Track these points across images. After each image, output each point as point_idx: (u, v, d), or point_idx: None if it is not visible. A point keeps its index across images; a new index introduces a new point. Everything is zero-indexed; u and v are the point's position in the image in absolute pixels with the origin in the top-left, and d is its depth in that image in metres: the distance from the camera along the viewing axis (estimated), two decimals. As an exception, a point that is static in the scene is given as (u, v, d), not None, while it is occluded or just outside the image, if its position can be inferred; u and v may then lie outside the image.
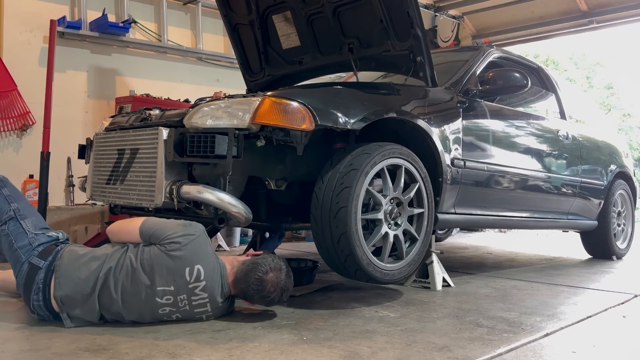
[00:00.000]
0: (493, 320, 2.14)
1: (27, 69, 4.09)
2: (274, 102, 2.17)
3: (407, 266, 2.49)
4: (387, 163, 2.39)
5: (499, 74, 3.02)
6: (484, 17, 7.28)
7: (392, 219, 2.43)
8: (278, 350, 1.70)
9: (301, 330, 1.93)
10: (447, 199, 2.79)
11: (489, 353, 1.72)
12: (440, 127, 2.74)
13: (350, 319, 2.12)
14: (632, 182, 4.59)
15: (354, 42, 3.01)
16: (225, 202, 2.13)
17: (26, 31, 4.01)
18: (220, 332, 1.88)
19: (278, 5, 3.17)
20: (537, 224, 3.71)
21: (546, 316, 2.25)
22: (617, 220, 4.40)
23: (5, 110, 3.94)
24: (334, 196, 2.24)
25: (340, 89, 2.48)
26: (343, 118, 2.30)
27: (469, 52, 3.46)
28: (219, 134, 2.12)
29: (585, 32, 6.92)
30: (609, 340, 1.96)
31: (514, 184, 3.26)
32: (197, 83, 5.15)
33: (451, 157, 2.77)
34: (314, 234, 2.34)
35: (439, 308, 2.35)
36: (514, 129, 3.32)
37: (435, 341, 1.83)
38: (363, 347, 1.74)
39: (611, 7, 6.40)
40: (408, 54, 2.77)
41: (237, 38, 3.50)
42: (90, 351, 1.64)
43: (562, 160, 3.70)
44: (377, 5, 2.77)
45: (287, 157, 2.47)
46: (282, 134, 2.25)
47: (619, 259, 4.35)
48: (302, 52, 3.26)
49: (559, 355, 1.75)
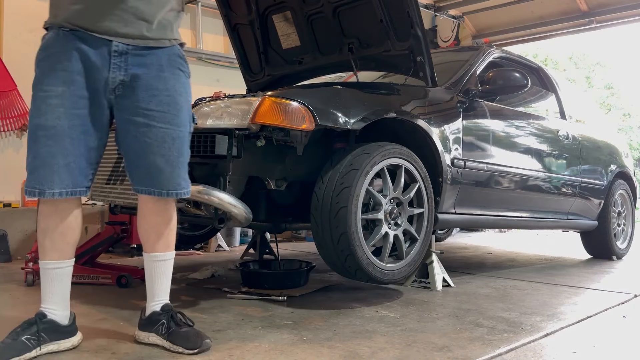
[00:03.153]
0: (493, 320, 2.14)
1: (27, 69, 4.06)
2: (274, 102, 2.17)
3: (407, 266, 2.49)
4: (387, 163, 2.39)
5: (499, 74, 3.02)
6: (484, 17, 7.27)
7: (392, 219, 2.43)
8: (278, 350, 1.70)
9: (301, 330, 1.93)
10: (447, 199, 2.79)
11: (489, 353, 1.71)
12: (440, 127, 2.74)
13: (350, 319, 2.12)
14: (632, 182, 4.59)
15: (354, 42, 3.01)
16: (225, 202, 2.13)
17: (26, 31, 4.00)
18: (220, 332, 1.88)
19: (278, 5, 3.17)
20: (537, 224, 3.71)
21: (546, 316, 2.25)
22: (617, 220, 4.40)
23: (5, 110, 3.94)
24: (334, 196, 2.24)
25: (340, 89, 2.48)
26: (343, 118, 2.30)
27: (469, 52, 3.46)
28: (219, 134, 2.12)
29: (585, 32, 6.91)
30: (609, 340, 1.96)
31: (514, 184, 3.26)
32: (197, 83, 5.09)
33: (451, 157, 2.77)
34: (314, 234, 2.34)
35: (439, 308, 2.35)
36: (514, 129, 3.32)
37: (435, 341, 1.83)
38: (363, 347, 1.74)
39: (611, 7, 6.39)
40: (408, 54, 2.77)
41: (237, 38, 3.50)
42: (90, 351, 1.64)
43: (562, 160, 3.70)
44: (377, 5, 2.77)
45: (287, 157, 2.47)
46: (282, 134, 2.25)
47: (619, 259, 4.35)
48: (302, 52, 3.26)
49: (559, 355, 1.75)
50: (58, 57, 1.57)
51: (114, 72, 1.61)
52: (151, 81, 1.64)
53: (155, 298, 1.77)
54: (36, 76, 1.60)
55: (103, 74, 1.60)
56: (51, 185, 1.56)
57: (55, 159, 1.56)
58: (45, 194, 1.56)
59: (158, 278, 1.77)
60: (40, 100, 1.57)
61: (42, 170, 1.56)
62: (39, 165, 1.56)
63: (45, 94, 1.56)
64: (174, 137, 1.67)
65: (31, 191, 1.57)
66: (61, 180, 1.57)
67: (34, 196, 1.57)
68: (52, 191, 1.57)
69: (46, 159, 1.56)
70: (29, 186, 1.57)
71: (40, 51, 1.61)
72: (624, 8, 6.30)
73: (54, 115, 1.55)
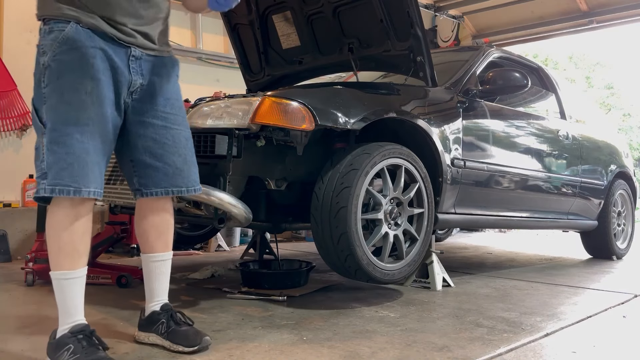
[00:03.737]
0: (493, 320, 2.14)
1: (27, 69, 4.06)
2: (274, 102, 2.17)
3: (407, 266, 2.49)
4: (387, 163, 2.39)
5: (499, 74, 3.02)
6: (484, 17, 7.27)
7: (392, 219, 2.43)
8: (278, 350, 1.70)
9: (301, 330, 1.93)
10: (447, 199, 2.79)
11: (489, 353, 1.71)
12: (440, 127, 2.74)
13: (350, 319, 2.12)
14: (632, 182, 4.59)
15: (354, 42, 3.01)
16: (225, 202, 2.13)
17: (26, 31, 4.00)
18: (220, 332, 1.88)
19: (278, 5, 3.17)
20: (537, 224, 3.71)
21: (546, 316, 2.25)
22: (617, 220, 4.40)
23: (5, 110, 3.94)
24: (334, 196, 2.24)
25: (340, 89, 2.48)
26: (343, 118, 2.30)
27: (469, 52, 3.46)
28: (219, 134, 2.12)
29: (585, 32, 6.92)
30: (609, 340, 1.96)
31: (514, 184, 3.26)
32: (197, 83, 5.14)
33: (451, 157, 2.77)
34: (314, 234, 2.34)
35: (439, 308, 2.35)
36: (514, 129, 3.32)
37: (435, 341, 1.83)
38: (363, 347, 1.74)
39: (611, 7, 6.40)
40: (408, 54, 2.77)
41: (237, 38, 3.50)
42: (90, 351, 1.64)
43: (562, 160, 3.70)
44: (377, 5, 2.77)
45: (287, 157, 2.47)
46: (282, 134, 2.25)
47: (619, 259, 4.35)
48: (302, 52, 3.26)
49: (559, 355, 1.75)
50: (83, 53, 1.49)
51: (134, 75, 1.61)
52: (164, 86, 1.69)
53: (155, 298, 1.77)
54: (53, 69, 1.48)
55: (125, 76, 1.59)
56: (87, 183, 1.47)
57: (90, 157, 1.48)
58: (82, 192, 1.46)
59: (157, 278, 1.77)
60: (70, 95, 1.47)
61: (78, 167, 1.45)
62: (72, 162, 1.45)
63: (75, 89, 1.47)
64: (187, 138, 1.73)
65: (64, 189, 1.44)
66: (95, 178, 1.49)
67: (68, 194, 1.45)
68: (89, 189, 1.47)
69: (81, 156, 1.46)
70: (61, 184, 1.44)
71: (57, 43, 1.49)
72: (624, 8, 6.30)
73: (86, 111, 1.48)
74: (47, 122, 1.48)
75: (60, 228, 1.49)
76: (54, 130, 1.47)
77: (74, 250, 1.50)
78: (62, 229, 1.49)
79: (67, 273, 1.50)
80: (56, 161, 1.45)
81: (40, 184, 1.46)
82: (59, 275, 1.50)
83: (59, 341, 1.50)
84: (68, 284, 1.51)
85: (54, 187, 1.44)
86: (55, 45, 1.49)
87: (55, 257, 1.51)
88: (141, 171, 1.68)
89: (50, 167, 1.45)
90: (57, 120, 1.47)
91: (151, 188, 1.68)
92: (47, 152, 1.46)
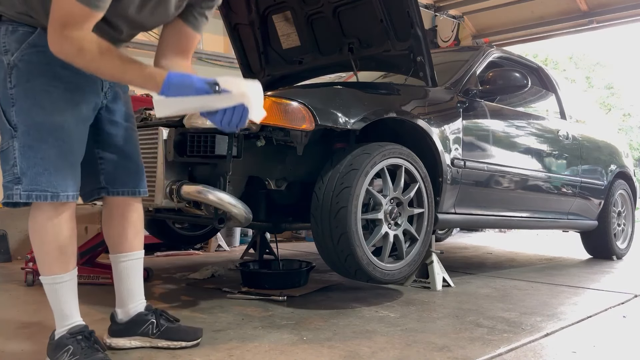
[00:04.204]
0: (493, 320, 2.14)
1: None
2: (274, 102, 2.17)
3: (407, 266, 2.49)
4: (387, 163, 2.39)
5: (499, 74, 3.02)
6: (484, 17, 7.28)
7: (392, 219, 2.43)
8: (278, 350, 1.70)
9: (301, 330, 1.93)
10: (447, 199, 2.79)
11: (489, 353, 1.71)
12: (440, 127, 2.74)
13: (350, 319, 2.12)
14: (632, 182, 4.59)
15: (354, 42, 3.01)
16: (225, 202, 2.13)
17: None
18: (220, 332, 1.88)
19: (278, 5, 3.17)
20: (538, 224, 3.71)
21: (546, 316, 2.25)
22: (617, 220, 4.40)
23: None
24: (334, 196, 2.24)
25: (340, 89, 2.48)
26: (343, 118, 2.30)
27: (469, 52, 3.46)
28: (219, 134, 2.12)
29: (585, 32, 6.93)
30: (609, 340, 1.96)
31: (514, 184, 3.26)
32: (197, 83, 5.14)
33: (451, 157, 2.77)
34: (314, 234, 2.34)
35: (439, 308, 2.35)
36: (514, 129, 3.32)
37: (435, 341, 1.83)
38: (363, 347, 1.74)
39: (611, 7, 6.40)
40: (408, 54, 2.78)
41: (237, 38, 3.50)
42: (90, 351, 1.64)
43: (562, 160, 3.70)
44: (377, 5, 2.77)
45: (287, 157, 2.47)
46: (282, 134, 2.25)
47: (619, 259, 4.35)
48: (302, 52, 3.26)
49: (559, 355, 1.75)
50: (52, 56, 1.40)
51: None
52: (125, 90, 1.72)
53: (137, 298, 1.73)
54: (21, 69, 1.42)
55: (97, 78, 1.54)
56: (65, 188, 1.45)
57: (68, 160, 1.46)
58: (60, 197, 1.43)
59: (136, 277, 1.75)
60: (42, 97, 1.43)
61: (55, 171, 1.43)
62: (48, 167, 1.42)
63: (47, 91, 1.43)
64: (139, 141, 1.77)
65: (41, 195, 1.42)
66: (74, 182, 1.48)
67: (45, 200, 1.42)
68: (67, 194, 1.45)
69: (57, 160, 1.43)
70: (38, 189, 1.41)
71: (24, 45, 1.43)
72: (624, 8, 6.31)
73: (60, 114, 1.44)
74: (19, 125, 1.43)
75: (44, 233, 1.47)
76: (27, 134, 1.42)
77: (61, 254, 1.49)
78: (46, 233, 1.47)
79: (57, 277, 1.49)
80: (31, 166, 1.42)
81: (14, 189, 1.42)
82: (50, 280, 1.49)
83: (59, 342, 1.50)
84: (61, 288, 1.50)
85: (30, 192, 1.42)
86: (24, 47, 1.44)
87: (43, 263, 1.49)
88: (111, 169, 1.65)
89: (25, 173, 1.42)
90: (30, 124, 1.42)
91: (121, 187, 1.66)
92: (21, 157, 1.42)
